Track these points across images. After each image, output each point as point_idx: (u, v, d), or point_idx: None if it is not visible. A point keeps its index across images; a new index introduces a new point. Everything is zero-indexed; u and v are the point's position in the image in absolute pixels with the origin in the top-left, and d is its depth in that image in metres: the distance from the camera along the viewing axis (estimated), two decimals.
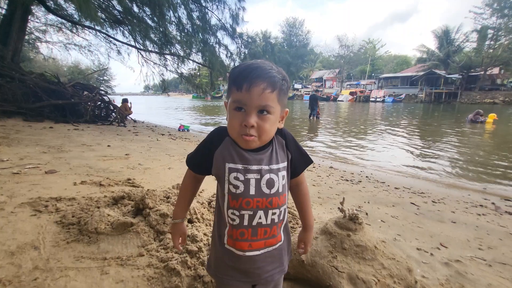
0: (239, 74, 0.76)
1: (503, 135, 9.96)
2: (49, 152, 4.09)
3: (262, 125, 0.77)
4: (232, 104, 0.78)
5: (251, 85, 0.74)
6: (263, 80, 0.75)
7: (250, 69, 0.76)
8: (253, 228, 0.84)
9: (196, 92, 13.60)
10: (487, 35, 37.04)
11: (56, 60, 27.73)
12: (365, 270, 1.31)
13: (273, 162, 0.85)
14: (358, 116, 18.74)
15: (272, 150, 0.86)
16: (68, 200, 2.18)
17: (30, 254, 1.42)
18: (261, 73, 0.75)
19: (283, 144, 0.90)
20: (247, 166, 0.82)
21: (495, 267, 1.83)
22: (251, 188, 0.82)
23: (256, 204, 0.83)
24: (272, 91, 0.76)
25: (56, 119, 7.69)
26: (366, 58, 56.77)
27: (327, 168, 4.95)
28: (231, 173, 0.82)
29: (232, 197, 0.82)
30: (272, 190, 0.84)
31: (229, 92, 0.80)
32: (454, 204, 3.30)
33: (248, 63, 0.79)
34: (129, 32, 10.24)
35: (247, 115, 0.76)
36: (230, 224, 0.85)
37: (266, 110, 0.76)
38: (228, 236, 0.86)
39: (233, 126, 0.78)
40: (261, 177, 0.83)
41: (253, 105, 0.75)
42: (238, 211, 0.83)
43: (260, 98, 0.75)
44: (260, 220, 0.84)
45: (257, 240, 0.85)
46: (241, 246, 0.84)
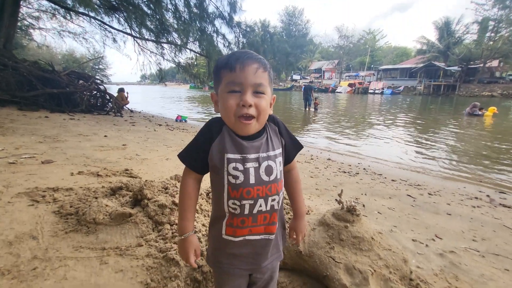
0: (228, 58, 0.77)
1: (501, 128, 10.03)
2: (45, 141, 4.05)
3: (259, 104, 0.77)
4: (225, 88, 0.77)
5: (244, 64, 0.75)
6: (255, 60, 0.77)
7: (239, 52, 0.78)
8: (254, 216, 0.84)
9: (193, 82, 13.44)
10: (488, 27, 36.70)
11: (50, 48, 27.17)
12: (362, 261, 1.33)
13: (270, 149, 0.85)
14: (357, 108, 18.73)
15: (267, 137, 0.86)
16: (66, 190, 2.17)
17: (28, 243, 1.42)
18: (251, 55, 0.78)
19: (276, 131, 0.90)
20: (245, 155, 0.81)
21: (488, 258, 1.87)
22: (250, 177, 0.81)
23: (257, 193, 0.82)
24: (264, 70, 0.78)
25: (52, 108, 7.59)
26: (365, 49, 56.20)
27: (325, 160, 4.97)
28: (230, 164, 0.80)
29: (232, 188, 0.81)
30: (271, 177, 0.84)
31: (218, 80, 0.80)
32: (450, 196, 3.34)
33: (233, 52, 0.81)
34: (125, 19, 10.01)
35: (244, 94, 0.75)
36: (230, 213, 0.84)
37: (261, 90, 0.77)
38: (228, 226, 0.85)
39: (230, 109, 0.76)
40: (259, 165, 0.82)
41: (248, 84, 0.75)
42: (239, 201, 0.82)
43: (255, 76, 0.75)
44: (261, 208, 0.84)
45: (257, 225, 0.85)
46: (241, 233, 0.84)
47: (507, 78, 38.12)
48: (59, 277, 1.21)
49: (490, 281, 1.55)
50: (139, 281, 1.24)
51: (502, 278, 1.61)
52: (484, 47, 36.85)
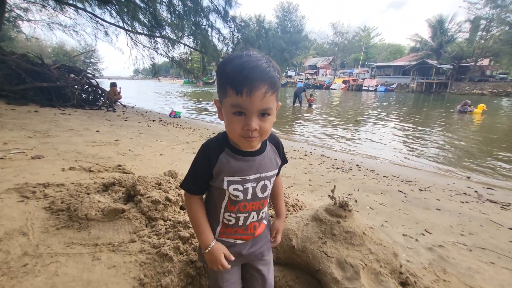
0: (236, 75, 0.70)
1: (490, 125, 10.24)
2: (35, 136, 3.97)
3: (263, 126, 0.77)
4: (230, 108, 0.74)
5: (252, 89, 0.69)
6: (264, 82, 0.71)
7: (248, 69, 0.69)
8: (246, 226, 0.93)
9: (187, 77, 13.28)
10: (480, 26, 37.20)
11: (40, 40, 26.50)
12: (353, 255, 1.35)
13: (268, 169, 0.90)
14: (351, 105, 18.85)
15: (267, 153, 0.91)
16: (57, 186, 2.14)
17: (18, 240, 1.40)
18: (261, 74, 0.70)
19: (275, 151, 0.95)
20: (245, 177, 0.85)
21: (475, 252, 1.93)
22: (248, 194, 0.88)
23: (251, 207, 0.90)
24: (273, 93, 0.74)
25: (41, 103, 7.43)
26: (360, 46, 56.43)
27: (318, 156, 5.00)
28: (230, 186, 0.84)
29: (231, 203, 0.88)
30: (265, 194, 0.92)
31: (224, 93, 0.74)
32: (440, 192, 3.41)
33: (242, 59, 0.71)
34: (117, 12, 9.79)
35: (249, 119, 0.74)
36: (224, 224, 0.91)
37: (267, 112, 0.76)
38: (221, 233, 0.93)
39: (235, 131, 0.76)
40: (257, 183, 0.89)
41: (254, 110, 0.73)
42: (235, 214, 0.89)
43: (262, 102, 0.72)
44: (253, 220, 0.93)
45: (248, 234, 0.95)
46: (234, 237, 0.94)
47: (497, 77, 38.86)
48: (51, 273, 1.20)
49: (477, 274, 1.60)
50: (132, 277, 1.24)
51: (488, 271, 1.66)
52: (476, 46, 37.42)
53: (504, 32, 34.46)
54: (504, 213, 2.87)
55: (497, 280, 1.58)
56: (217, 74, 0.77)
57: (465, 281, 1.50)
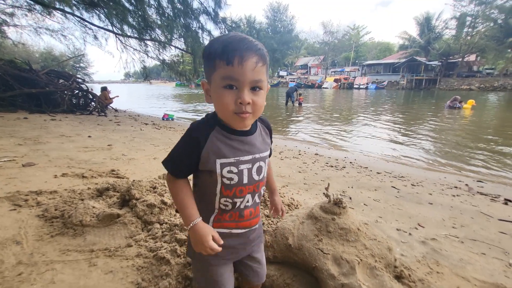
0: (225, 47, 0.68)
1: (480, 120, 10.48)
2: (25, 144, 3.90)
3: (256, 101, 0.73)
4: (220, 82, 0.70)
5: (243, 58, 0.67)
6: (254, 52, 0.69)
7: (237, 41, 0.69)
8: (240, 211, 0.87)
9: (179, 80, 13.21)
10: (466, 22, 38.05)
11: (27, 46, 25.91)
12: (349, 251, 1.37)
13: (262, 150, 0.86)
14: (343, 103, 19.03)
15: (259, 133, 0.87)
16: (50, 193, 2.11)
17: (12, 249, 1.38)
18: (250, 45, 0.69)
19: (267, 132, 0.93)
20: (239, 158, 0.80)
21: (467, 243, 1.98)
22: (244, 177, 0.82)
23: (248, 191, 0.85)
24: (263, 64, 0.72)
25: (31, 109, 7.30)
26: (350, 44, 57.05)
27: (312, 155, 5.05)
28: (224, 168, 0.78)
29: (225, 188, 0.81)
30: (260, 176, 0.87)
31: (212, 69, 0.72)
32: (432, 187, 3.48)
33: (229, 35, 0.72)
34: (106, 15, 9.67)
35: (241, 91, 0.70)
36: (220, 209, 0.85)
37: (259, 86, 0.73)
38: (215, 221, 0.86)
39: (226, 106, 0.72)
40: (252, 165, 0.83)
41: (246, 81, 0.69)
42: (231, 199, 0.83)
43: (254, 72, 0.69)
44: (248, 203, 0.87)
45: (243, 220, 0.89)
46: (228, 226, 0.87)
47: (484, 72, 39.80)
48: (47, 281, 1.19)
49: (468, 265, 1.64)
50: (130, 281, 1.24)
51: (479, 261, 1.71)
52: (462, 42, 38.29)
53: (489, 28, 35.37)
54: (493, 204, 2.94)
55: (488, 270, 1.62)
56: (204, 55, 0.74)
57: (457, 272, 1.54)
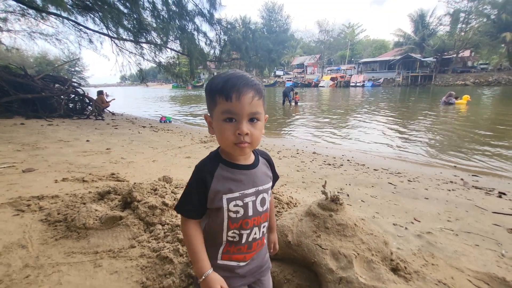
0: (224, 84, 0.76)
1: (475, 115, 10.59)
2: (23, 149, 3.91)
3: (253, 132, 0.79)
4: (221, 116, 0.78)
5: (240, 93, 0.75)
6: (251, 88, 0.77)
7: (235, 78, 0.77)
8: (249, 243, 0.91)
9: (176, 82, 13.21)
10: (459, 19, 38.35)
11: (21, 51, 25.70)
12: (346, 246, 1.42)
13: (265, 182, 0.92)
14: (339, 102, 19.12)
15: (260, 166, 0.93)
16: (51, 198, 2.14)
17: (18, 253, 1.41)
18: (247, 81, 0.77)
19: (266, 164, 0.98)
20: (244, 191, 0.85)
21: (461, 236, 2.03)
22: (249, 210, 0.87)
23: (253, 223, 0.89)
24: (259, 98, 0.79)
25: (27, 115, 7.29)
26: (345, 43, 57.24)
27: (310, 154, 5.10)
28: (230, 203, 0.84)
29: (232, 221, 0.86)
30: (264, 207, 0.92)
31: (213, 104, 0.79)
32: (427, 182, 3.54)
33: (227, 73, 0.80)
34: (100, 19, 9.66)
35: (239, 123, 0.77)
36: (229, 242, 0.89)
37: (256, 117, 0.79)
38: (224, 253, 0.90)
39: (227, 137, 0.78)
40: (256, 197, 0.88)
41: (244, 114, 0.76)
42: (238, 231, 0.88)
43: (251, 105, 0.77)
44: (255, 236, 0.91)
45: (251, 252, 0.93)
46: (236, 258, 0.91)
47: (478, 67, 40.15)
48: (54, 283, 1.22)
49: (462, 256, 1.70)
50: (135, 281, 1.28)
51: (473, 253, 1.76)
52: (456, 38, 38.60)
53: (482, 24, 35.69)
54: (488, 198, 3.01)
55: (481, 260, 1.67)
56: (206, 90, 0.82)
57: (452, 263, 1.59)
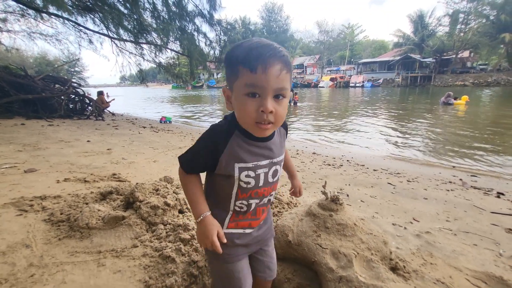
0: (248, 53, 0.66)
1: (474, 115, 10.63)
2: (24, 150, 3.92)
3: (278, 110, 0.71)
4: (243, 89, 0.69)
5: (267, 65, 0.65)
6: (279, 59, 0.67)
7: (261, 47, 0.67)
8: (254, 210, 0.90)
9: (175, 82, 13.24)
10: (458, 19, 38.44)
11: (20, 51, 25.72)
12: (346, 245, 1.44)
13: (279, 154, 0.87)
14: (339, 102, 19.16)
15: (277, 137, 0.87)
16: (54, 198, 2.15)
17: (22, 252, 1.43)
18: (275, 51, 0.67)
19: (284, 134, 0.93)
20: (257, 163, 0.81)
21: (460, 236, 2.06)
22: (260, 181, 0.84)
23: (263, 193, 0.87)
24: (287, 71, 0.70)
25: (27, 115, 7.30)
26: (345, 43, 57.34)
27: (310, 154, 5.12)
28: (242, 172, 0.80)
29: (242, 191, 0.83)
30: (275, 178, 0.89)
31: (235, 76, 0.70)
32: (427, 182, 3.56)
33: (252, 40, 0.69)
34: (100, 19, 9.69)
35: (264, 99, 0.68)
36: (235, 211, 0.87)
37: (282, 93, 0.71)
38: (230, 222, 0.89)
39: (248, 114, 0.70)
40: (269, 169, 0.85)
41: (270, 88, 0.67)
42: (247, 201, 0.86)
43: (278, 80, 0.67)
44: (261, 203, 0.91)
45: (256, 219, 0.92)
46: (242, 225, 0.90)
47: (478, 68, 40.24)
48: (58, 282, 1.24)
49: (461, 256, 1.72)
50: (138, 280, 1.29)
51: (471, 252, 1.79)
52: (456, 39, 38.70)
53: (481, 25, 35.77)
54: (486, 198, 3.03)
55: (480, 260, 1.70)
56: (226, 61, 0.73)
57: (450, 262, 1.61)
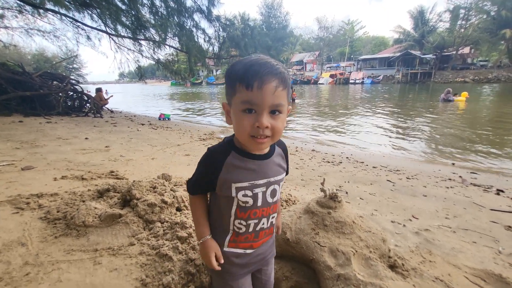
0: (246, 71, 0.69)
1: (474, 112, 10.62)
2: (22, 147, 3.90)
3: (275, 125, 0.73)
4: (240, 105, 0.71)
5: (263, 82, 0.68)
6: (275, 76, 0.69)
7: (258, 64, 0.69)
8: (256, 233, 0.90)
9: (174, 79, 13.19)
10: (459, 15, 38.23)
11: (18, 48, 25.54)
12: (344, 243, 1.43)
13: (277, 174, 0.87)
14: (339, 99, 19.12)
15: (275, 157, 0.88)
16: (51, 196, 2.14)
17: (18, 250, 1.42)
18: (271, 69, 0.69)
19: (282, 155, 0.93)
20: (254, 182, 0.82)
21: (459, 233, 2.05)
22: (258, 200, 0.84)
23: (262, 213, 0.87)
24: (284, 88, 0.72)
25: (25, 112, 7.27)
26: (345, 39, 57.08)
27: (309, 151, 5.10)
28: (239, 192, 0.81)
29: (240, 210, 0.84)
30: (274, 199, 0.89)
31: (232, 92, 0.73)
32: (426, 179, 3.55)
33: (251, 58, 0.72)
34: (98, 15, 9.60)
35: (260, 115, 0.70)
36: (235, 232, 0.88)
37: (278, 109, 0.72)
38: (231, 242, 0.89)
39: (244, 129, 0.72)
40: (267, 188, 0.85)
41: (266, 105, 0.70)
42: (246, 221, 0.86)
43: (273, 96, 0.69)
44: (263, 225, 0.90)
45: (258, 240, 0.92)
46: (243, 246, 0.90)
47: (478, 64, 40.12)
48: (54, 280, 1.23)
49: (460, 253, 1.71)
50: (134, 278, 1.28)
51: (470, 250, 1.78)
52: (456, 35, 38.52)
53: (482, 20, 35.60)
54: (486, 195, 3.02)
55: (479, 257, 1.69)
56: (226, 76, 0.76)
57: (449, 260, 1.61)
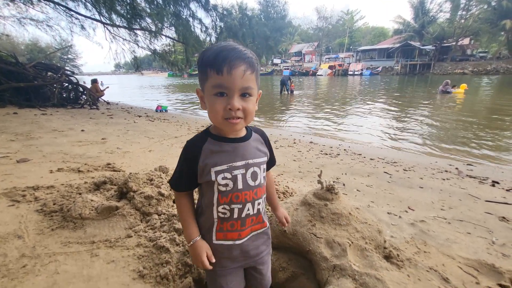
0: (216, 57, 0.73)
1: (472, 104, 10.62)
2: (17, 139, 3.86)
3: (246, 107, 0.77)
4: (212, 90, 0.76)
5: (232, 67, 0.72)
6: (243, 61, 0.74)
7: (227, 50, 0.73)
8: (242, 220, 0.90)
9: (171, 70, 13.01)
10: (460, 5, 37.75)
11: (11, 37, 24.99)
12: (341, 235, 1.44)
13: (256, 156, 0.89)
14: (337, 91, 19.02)
15: (252, 141, 0.90)
16: (47, 188, 2.13)
17: (14, 243, 1.42)
18: (240, 54, 0.74)
19: (261, 140, 0.95)
20: (232, 164, 0.84)
21: (454, 224, 2.07)
22: (238, 183, 0.85)
23: (245, 198, 0.87)
24: (252, 72, 0.76)
25: (20, 104, 7.17)
26: (344, 30, 56.37)
27: (307, 143, 5.10)
28: (218, 175, 0.83)
29: (222, 195, 0.85)
30: (256, 182, 0.89)
31: (205, 77, 0.77)
32: (423, 171, 3.57)
33: (220, 45, 0.76)
34: (92, 4, 9.37)
35: (231, 98, 0.75)
36: (220, 218, 0.88)
37: (248, 92, 0.77)
38: (217, 231, 0.90)
39: (217, 112, 0.77)
40: (246, 170, 0.86)
41: (236, 88, 0.74)
42: (229, 206, 0.87)
43: (242, 80, 0.74)
44: (249, 212, 0.90)
45: (245, 228, 0.92)
46: (232, 236, 0.90)
47: (477, 56, 39.91)
48: (51, 272, 1.23)
49: (454, 244, 1.73)
50: (132, 269, 1.29)
51: (464, 240, 1.80)
52: (456, 25, 38.10)
53: (483, 11, 35.17)
54: (481, 187, 3.05)
55: (472, 248, 1.71)
56: (198, 62, 0.79)
57: (443, 250, 1.63)
